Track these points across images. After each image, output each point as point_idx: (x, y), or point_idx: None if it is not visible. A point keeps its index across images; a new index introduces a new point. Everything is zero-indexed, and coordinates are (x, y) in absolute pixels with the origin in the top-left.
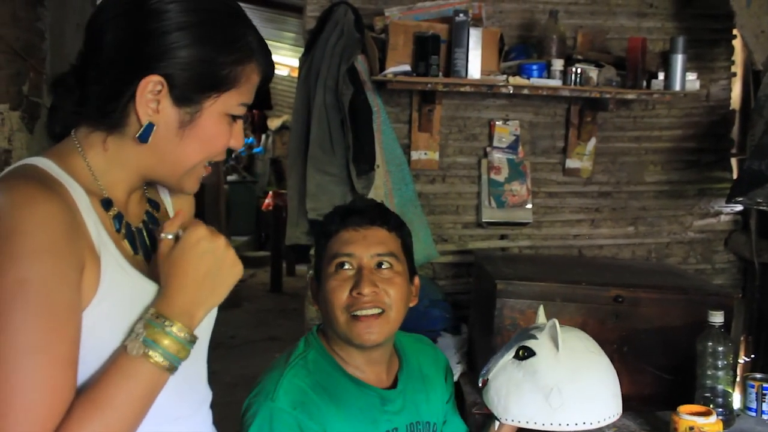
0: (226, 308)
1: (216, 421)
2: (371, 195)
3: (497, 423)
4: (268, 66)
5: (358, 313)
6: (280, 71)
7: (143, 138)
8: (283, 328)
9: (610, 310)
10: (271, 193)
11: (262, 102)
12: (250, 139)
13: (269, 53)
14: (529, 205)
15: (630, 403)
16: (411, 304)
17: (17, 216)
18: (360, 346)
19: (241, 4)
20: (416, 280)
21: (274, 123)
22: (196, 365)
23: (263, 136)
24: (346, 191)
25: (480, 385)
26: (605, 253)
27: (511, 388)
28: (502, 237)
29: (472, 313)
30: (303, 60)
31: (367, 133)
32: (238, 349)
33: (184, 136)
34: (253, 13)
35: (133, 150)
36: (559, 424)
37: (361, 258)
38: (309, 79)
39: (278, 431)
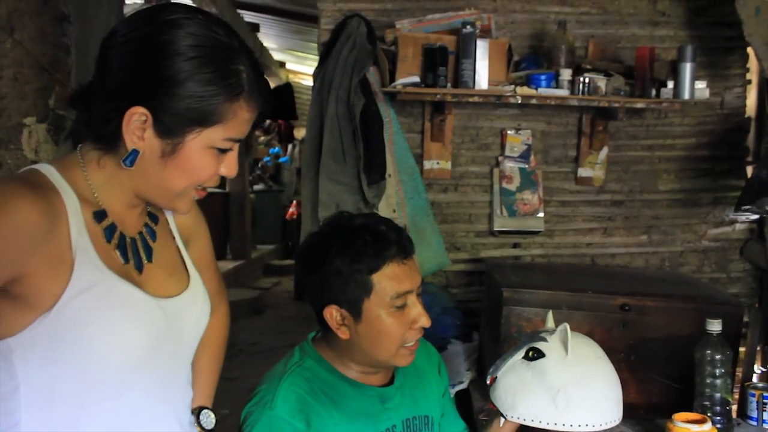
0: (249, 315)
1: (235, 427)
2: (383, 204)
3: (502, 420)
4: (261, 102)
5: (413, 343)
6: (306, 81)
7: (127, 162)
8: (304, 335)
9: (617, 319)
10: (295, 202)
11: (288, 112)
12: (277, 148)
13: (264, 89)
14: (541, 214)
15: (638, 412)
16: None
17: None
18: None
19: (268, 17)
20: None
21: (300, 133)
22: (176, 367)
23: (289, 146)
24: (357, 200)
25: (488, 382)
26: (618, 261)
27: (519, 386)
28: (515, 245)
29: (482, 321)
30: (317, 72)
31: (378, 143)
32: (260, 356)
33: (167, 165)
34: (280, 25)
35: (125, 171)
36: (563, 425)
37: (415, 290)
38: (322, 90)
39: None
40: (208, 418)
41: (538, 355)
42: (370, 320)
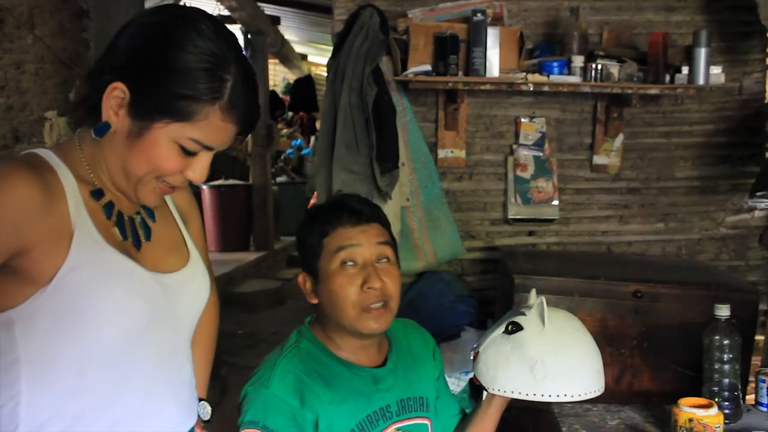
0: (271, 306)
1: None
2: (396, 192)
3: (485, 393)
4: (240, 116)
5: (370, 306)
6: (326, 73)
7: (98, 132)
8: None
9: (630, 306)
10: (316, 193)
11: (309, 104)
12: (299, 140)
13: (248, 107)
14: (556, 202)
15: (651, 399)
16: None
17: None
18: (367, 336)
19: (288, 9)
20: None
21: None
22: (175, 341)
23: (312, 138)
24: (371, 189)
25: (471, 358)
26: (634, 249)
27: (499, 360)
28: (530, 233)
29: (496, 309)
30: (330, 63)
31: (391, 132)
32: (278, 345)
33: (131, 147)
34: (300, 17)
35: (103, 149)
36: (542, 395)
37: (364, 249)
38: (336, 81)
39: (272, 416)
40: (204, 410)
41: (517, 328)
42: (324, 280)
